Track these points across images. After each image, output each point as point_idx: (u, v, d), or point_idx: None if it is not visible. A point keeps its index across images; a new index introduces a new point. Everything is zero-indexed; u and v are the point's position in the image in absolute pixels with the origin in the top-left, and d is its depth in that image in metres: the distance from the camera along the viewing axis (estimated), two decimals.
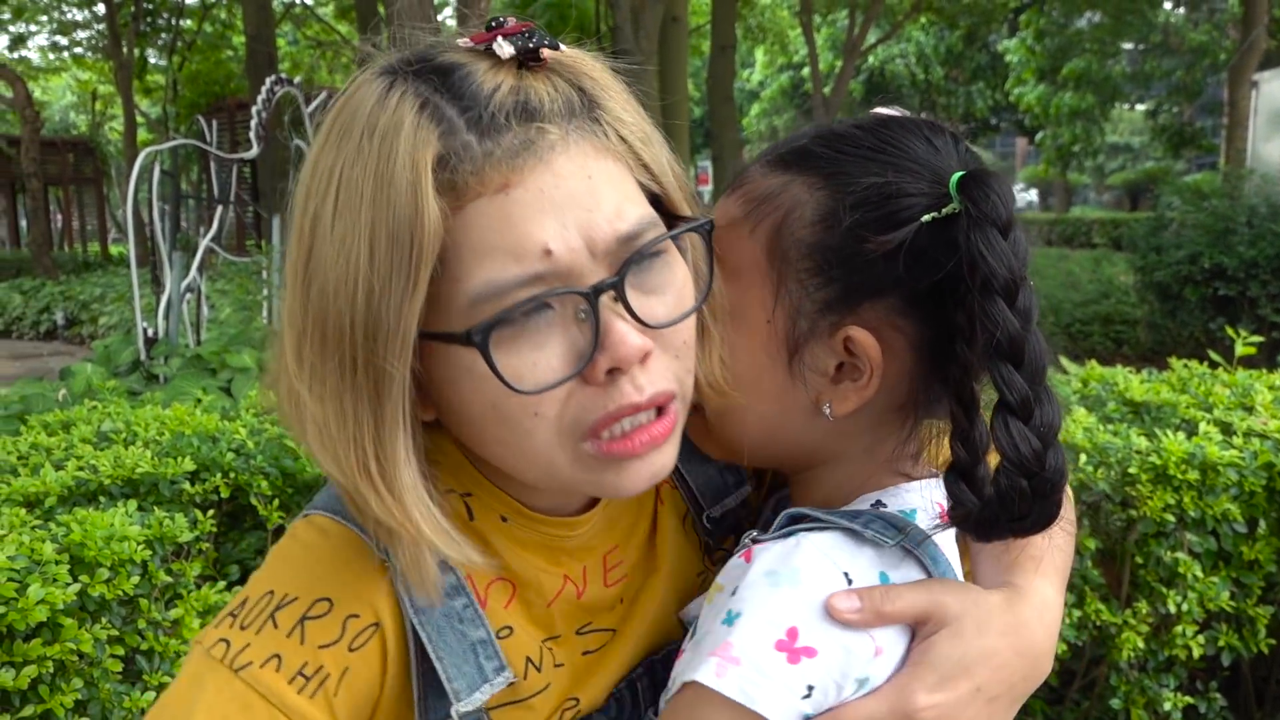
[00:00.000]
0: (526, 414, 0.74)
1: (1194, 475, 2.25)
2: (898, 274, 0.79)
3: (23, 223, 24.38)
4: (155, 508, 2.11)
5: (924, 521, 0.84)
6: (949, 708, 0.77)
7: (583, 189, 0.73)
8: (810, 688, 0.75)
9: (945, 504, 0.82)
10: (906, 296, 0.81)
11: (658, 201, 0.80)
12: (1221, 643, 2.35)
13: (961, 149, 0.84)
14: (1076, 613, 2.28)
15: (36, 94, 28.72)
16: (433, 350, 0.75)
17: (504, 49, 0.73)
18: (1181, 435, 2.34)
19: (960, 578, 0.87)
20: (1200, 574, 2.28)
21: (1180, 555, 2.28)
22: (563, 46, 0.78)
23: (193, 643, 0.80)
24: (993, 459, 0.78)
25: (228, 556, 2.27)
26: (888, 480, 0.88)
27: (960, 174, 0.78)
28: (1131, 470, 2.26)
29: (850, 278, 0.81)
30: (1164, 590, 2.29)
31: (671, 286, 0.78)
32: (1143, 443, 2.34)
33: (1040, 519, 0.77)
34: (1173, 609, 2.27)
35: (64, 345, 13.54)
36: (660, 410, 0.78)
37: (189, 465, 2.22)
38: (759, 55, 34.94)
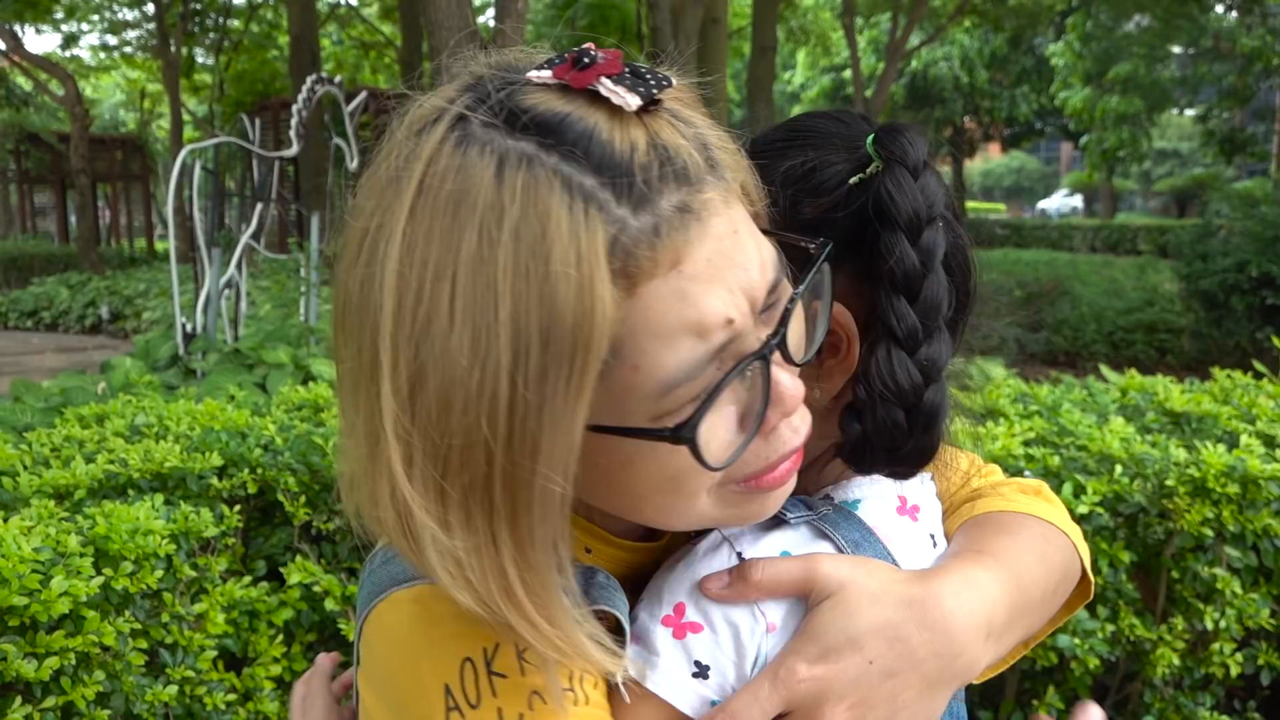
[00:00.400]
0: (702, 478, 0.70)
1: (1234, 489, 2.19)
2: (843, 239, 0.80)
3: (72, 218, 24.84)
4: (182, 502, 2.13)
5: (871, 511, 0.83)
6: (833, 680, 0.73)
7: (734, 246, 0.67)
8: (702, 665, 0.74)
9: (907, 497, 0.84)
10: (858, 262, 0.81)
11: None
12: (1261, 661, 2.29)
13: (872, 122, 0.86)
14: (1110, 627, 2.23)
15: (87, 92, 29.29)
16: (594, 439, 0.68)
17: (627, 100, 0.63)
18: (1222, 447, 2.28)
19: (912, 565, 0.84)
20: (1239, 590, 2.22)
21: (1219, 571, 2.22)
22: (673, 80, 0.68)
23: None
24: None
25: (257, 552, 2.28)
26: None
27: (874, 133, 0.81)
28: (1169, 482, 2.21)
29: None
30: (1201, 606, 2.23)
31: (797, 314, 0.74)
32: (1181, 454, 2.28)
33: (917, 454, 0.78)
34: (1210, 626, 2.21)
35: (108, 339, 13.78)
36: None
37: (216, 460, 2.24)
38: (800, 57, 34.79)
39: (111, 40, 27.63)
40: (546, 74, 0.65)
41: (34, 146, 23.62)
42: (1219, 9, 24.89)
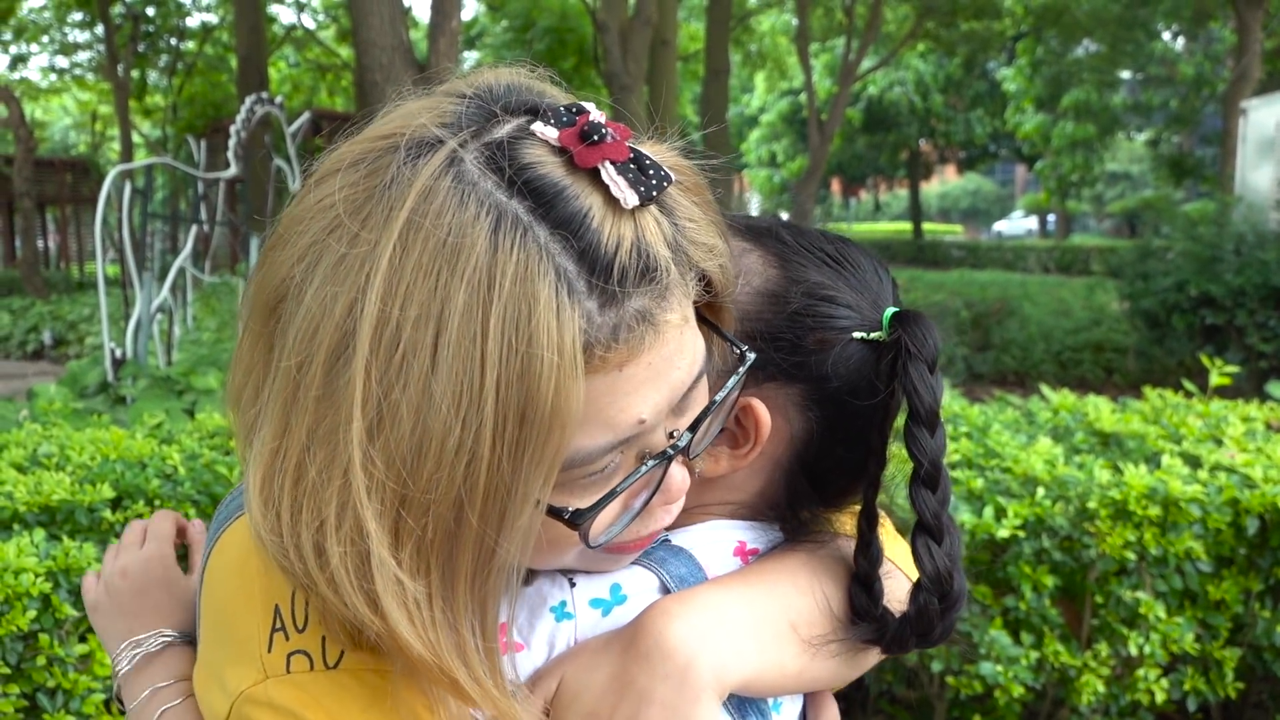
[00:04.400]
0: (576, 544, 0.71)
1: (1155, 511, 2.16)
2: (811, 371, 0.84)
3: (18, 241, 24.36)
4: (69, 537, 2.02)
5: (704, 552, 0.84)
6: None
7: (675, 350, 0.68)
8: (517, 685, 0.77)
9: (747, 541, 0.86)
10: (807, 394, 0.84)
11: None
12: (1187, 686, 2.25)
13: (896, 288, 0.90)
14: (1035, 654, 2.18)
15: (36, 114, 28.85)
16: None
17: (626, 196, 0.62)
18: (1144, 468, 2.24)
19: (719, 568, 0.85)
20: (1164, 615, 2.18)
21: (1142, 595, 2.18)
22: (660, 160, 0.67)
23: (243, 706, 0.70)
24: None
25: None
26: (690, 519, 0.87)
27: (895, 310, 0.85)
28: (1091, 505, 2.17)
29: (773, 354, 0.84)
30: (1125, 631, 2.19)
31: (698, 398, 0.74)
32: (1105, 476, 2.25)
33: (942, 634, 0.83)
34: (1134, 651, 2.17)
35: (50, 365, 13.44)
36: None
37: (108, 492, 2.13)
38: (759, 81, 35.04)
39: (62, 62, 27.25)
40: (552, 133, 0.63)
41: None
42: (1166, 36, 25.41)
